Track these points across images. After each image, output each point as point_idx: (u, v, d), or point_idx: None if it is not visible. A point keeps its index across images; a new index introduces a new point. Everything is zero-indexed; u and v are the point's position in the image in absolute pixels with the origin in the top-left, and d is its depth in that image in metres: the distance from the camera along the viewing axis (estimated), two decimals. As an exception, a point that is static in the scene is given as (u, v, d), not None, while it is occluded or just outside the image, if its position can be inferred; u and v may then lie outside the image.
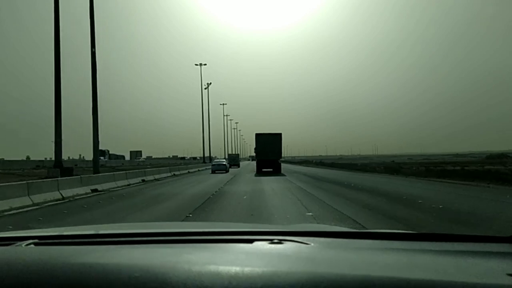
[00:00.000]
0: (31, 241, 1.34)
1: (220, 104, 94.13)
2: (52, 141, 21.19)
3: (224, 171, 37.56)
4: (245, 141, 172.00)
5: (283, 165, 39.16)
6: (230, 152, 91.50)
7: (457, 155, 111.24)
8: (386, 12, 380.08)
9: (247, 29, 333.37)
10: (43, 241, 1.39)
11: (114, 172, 22.54)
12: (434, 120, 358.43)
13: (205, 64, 66.46)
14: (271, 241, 1.33)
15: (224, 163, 40.75)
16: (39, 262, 1.00)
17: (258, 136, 36.07)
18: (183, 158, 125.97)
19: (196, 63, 66.36)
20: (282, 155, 39.46)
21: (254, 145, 36.06)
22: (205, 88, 70.95)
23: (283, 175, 29.70)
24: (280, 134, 36.27)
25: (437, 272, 0.97)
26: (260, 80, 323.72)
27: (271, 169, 33.89)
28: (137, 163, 74.12)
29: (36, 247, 1.29)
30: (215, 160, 45.75)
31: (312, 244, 1.32)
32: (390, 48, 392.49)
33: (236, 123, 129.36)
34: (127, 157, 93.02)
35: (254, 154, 39.26)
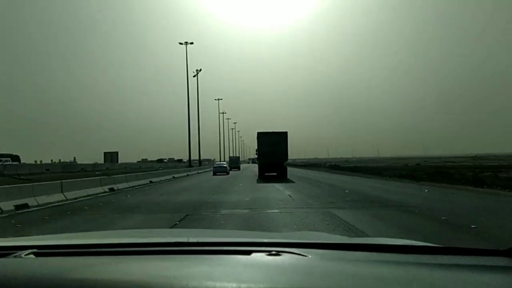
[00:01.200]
0: (30, 250, 1.35)
1: (215, 100, 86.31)
2: None
3: (225, 173, 39.82)
4: (244, 143, 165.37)
5: (288, 169, 32.78)
6: (229, 155, 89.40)
7: (475, 157, 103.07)
8: (387, 12, 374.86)
9: (244, 27, 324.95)
10: (42, 251, 1.39)
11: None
12: (437, 120, 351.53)
13: (191, 43, 56.27)
14: (269, 253, 1.33)
15: (224, 165, 43.54)
16: (39, 276, 1.03)
17: (261, 135, 30.93)
18: (160, 160, 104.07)
19: (181, 42, 55.87)
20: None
21: (254, 147, 30.94)
22: (194, 76, 61.04)
23: (291, 181, 25.10)
24: (285, 133, 30.71)
25: (434, 286, 1.02)
26: (260, 81, 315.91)
27: (275, 173, 29.40)
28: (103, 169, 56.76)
29: (36, 259, 1.30)
30: (216, 163, 49.85)
31: (310, 256, 1.31)
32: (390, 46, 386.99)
33: (234, 123, 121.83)
34: (101, 160, 77.31)
35: (255, 156, 37.33)
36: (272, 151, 29.25)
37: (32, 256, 1.30)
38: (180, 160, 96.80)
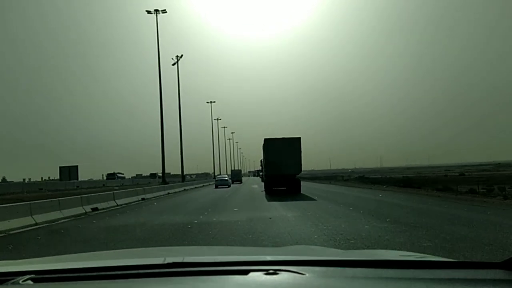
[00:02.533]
0: (28, 276, 1.35)
1: (207, 102, 78.65)
2: None
3: (226, 186, 41.37)
4: (243, 155, 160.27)
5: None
6: (227, 168, 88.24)
7: (499, 164, 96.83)
8: (386, 20, 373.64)
9: (241, 35, 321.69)
10: (40, 276, 1.39)
11: None
12: (440, 129, 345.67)
13: (164, 11, 41.85)
14: (267, 272, 1.32)
15: (226, 178, 44.96)
16: None
17: (269, 142, 26.45)
18: (112, 175, 74.83)
19: (149, 10, 40.90)
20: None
21: (253, 158, 27.12)
22: (173, 64, 49.78)
23: (312, 199, 19.92)
24: (298, 139, 26.06)
25: None
26: (258, 91, 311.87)
27: (285, 188, 25.69)
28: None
29: (34, 285, 1.30)
30: (218, 176, 50.70)
31: (307, 275, 1.31)
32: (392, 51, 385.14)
33: (232, 133, 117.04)
34: (56, 175, 61.42)
35: (259, 167, 35.11)
36: (283, 161, 24.85)
37: (30, 282, 1.32)
38: (154, 175, 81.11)
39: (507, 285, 1.18)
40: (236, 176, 57.67)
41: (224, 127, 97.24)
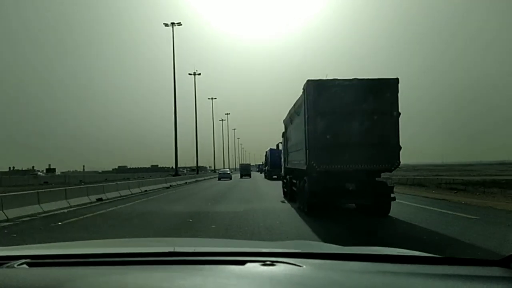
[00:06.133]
0: (23, 260, 1.35)
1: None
2: None
3: (228, 178, 45.63)
4: (243, 148, 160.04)
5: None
6: (229, 163, 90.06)
7: None
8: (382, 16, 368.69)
9: (247, 38, 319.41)
10: (35, 260, 1.38)
11: None
12: (455, 128, 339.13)
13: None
14: (264, 263, 1.31)
15: (228, 172, 50.17)
16: (30, 287, 1.02)
17: (317, 86, 10.23)
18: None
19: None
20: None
21: (254, 153, 15.44)
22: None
23: None
24: (394, 83, 10.08)
25: None
26: (257, 91, 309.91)
27: (351, 201, 11.28)
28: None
29: (29, 269, 1.30)
30: (221, 170, 56.47)
31: (304, 267, 1.29)
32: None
33: (234, 129, 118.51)
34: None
35: (261, 163, 33.91)
36: (356, 134, 10.16)
37: (25, 266, 1.32)
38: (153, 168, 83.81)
39: (505, 282, 1.16)
40: (245, 170, 54.23)
41: (222, 120, 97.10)
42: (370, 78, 10.21)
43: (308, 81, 10.35)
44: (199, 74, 60.07)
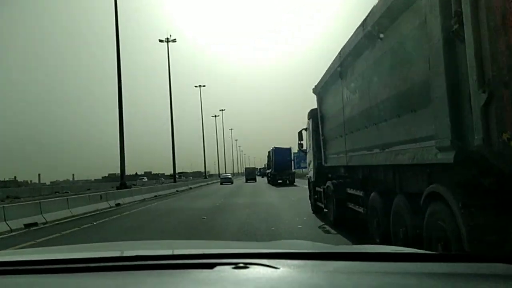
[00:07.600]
0: None
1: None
2: None
3: (230, 183, 45.70)
4: (242, 152, 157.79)
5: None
6: (220, 165, 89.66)
7: None
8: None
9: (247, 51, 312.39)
10: (3, 268, 1.30)
11: None
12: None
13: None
14: (236, 265, 1.15)
15: (229, 177, 51.60)
16: None
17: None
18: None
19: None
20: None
21: (253, 155, 13.54)
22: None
23: None
24: None
25: None
26: (260, 96, 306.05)
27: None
28: None
29: None
30: (223, 174, 59.65)
31: (281, 268, 1.15)
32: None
33: (231, 129, 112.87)
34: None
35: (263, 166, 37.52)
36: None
37: None
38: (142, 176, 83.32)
39: (509, 280, 1.04)
40: (251, 175, 53.53)
41: (215, 116, 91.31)
42: None
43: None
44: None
